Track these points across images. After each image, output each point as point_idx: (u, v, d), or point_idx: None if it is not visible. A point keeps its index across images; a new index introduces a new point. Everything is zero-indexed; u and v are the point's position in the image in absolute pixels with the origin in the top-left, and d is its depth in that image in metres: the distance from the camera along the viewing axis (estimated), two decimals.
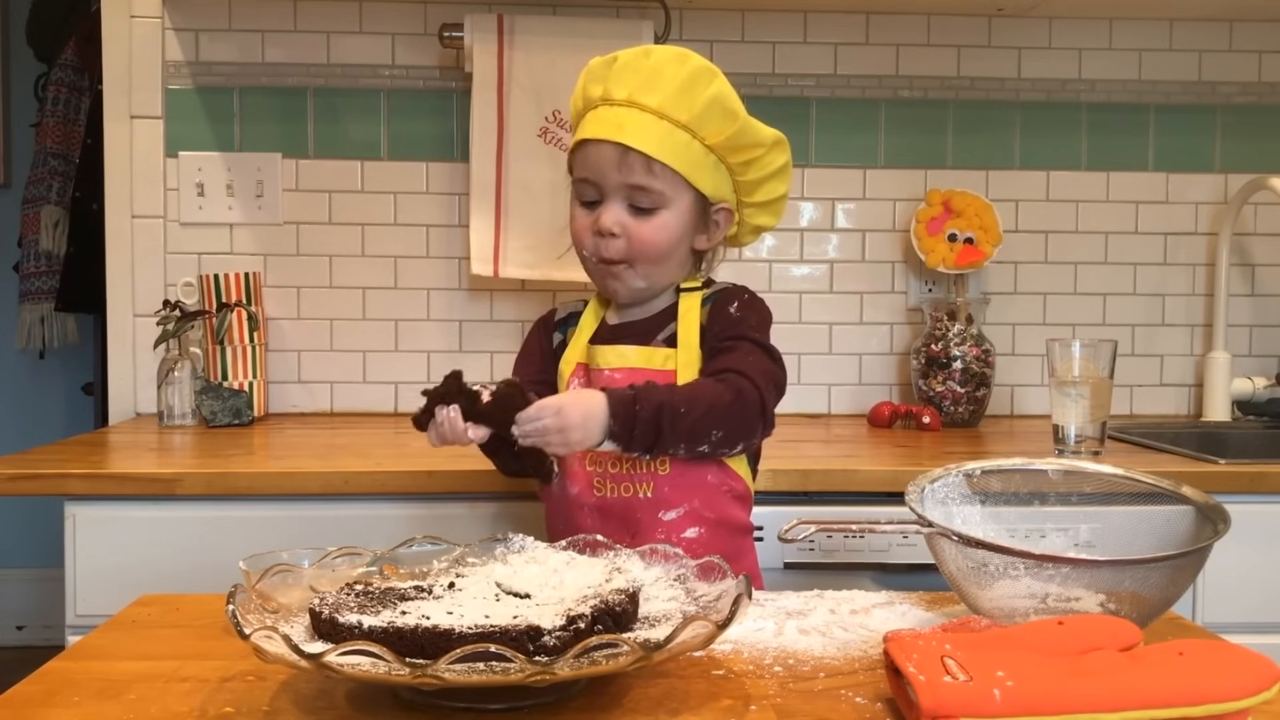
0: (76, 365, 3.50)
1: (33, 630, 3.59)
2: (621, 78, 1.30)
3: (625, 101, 1.30)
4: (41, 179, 3.11)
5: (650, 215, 1.31)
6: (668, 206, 1.32)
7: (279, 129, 2.19)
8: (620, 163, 1.29)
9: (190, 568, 1.57)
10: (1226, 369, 2.23)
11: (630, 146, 1.28)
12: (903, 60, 2.25)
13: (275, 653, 0.79)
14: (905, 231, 2.25)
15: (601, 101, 1.31)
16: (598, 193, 1.32)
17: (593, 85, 1.33)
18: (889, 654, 0.84)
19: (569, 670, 0.77)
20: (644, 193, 1.30)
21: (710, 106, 1.29)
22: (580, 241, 1.35)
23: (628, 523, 1.29)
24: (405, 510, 1.62)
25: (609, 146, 1.29)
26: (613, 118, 1.30)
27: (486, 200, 2.09)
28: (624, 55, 1.32)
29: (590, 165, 1.31)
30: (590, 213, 1.34)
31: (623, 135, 1.28)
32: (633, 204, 1.31)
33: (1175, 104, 2.29)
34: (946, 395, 2.13)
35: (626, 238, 1.31)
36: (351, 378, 2.23)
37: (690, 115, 1.29)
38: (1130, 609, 0.96)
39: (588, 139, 1.32)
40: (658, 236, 1.32)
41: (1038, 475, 1.16)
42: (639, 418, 1.20)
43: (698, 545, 1.29)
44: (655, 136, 1.29)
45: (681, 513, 1.30)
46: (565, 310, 1.47)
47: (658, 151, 1.29)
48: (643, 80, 1.29)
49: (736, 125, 1.31)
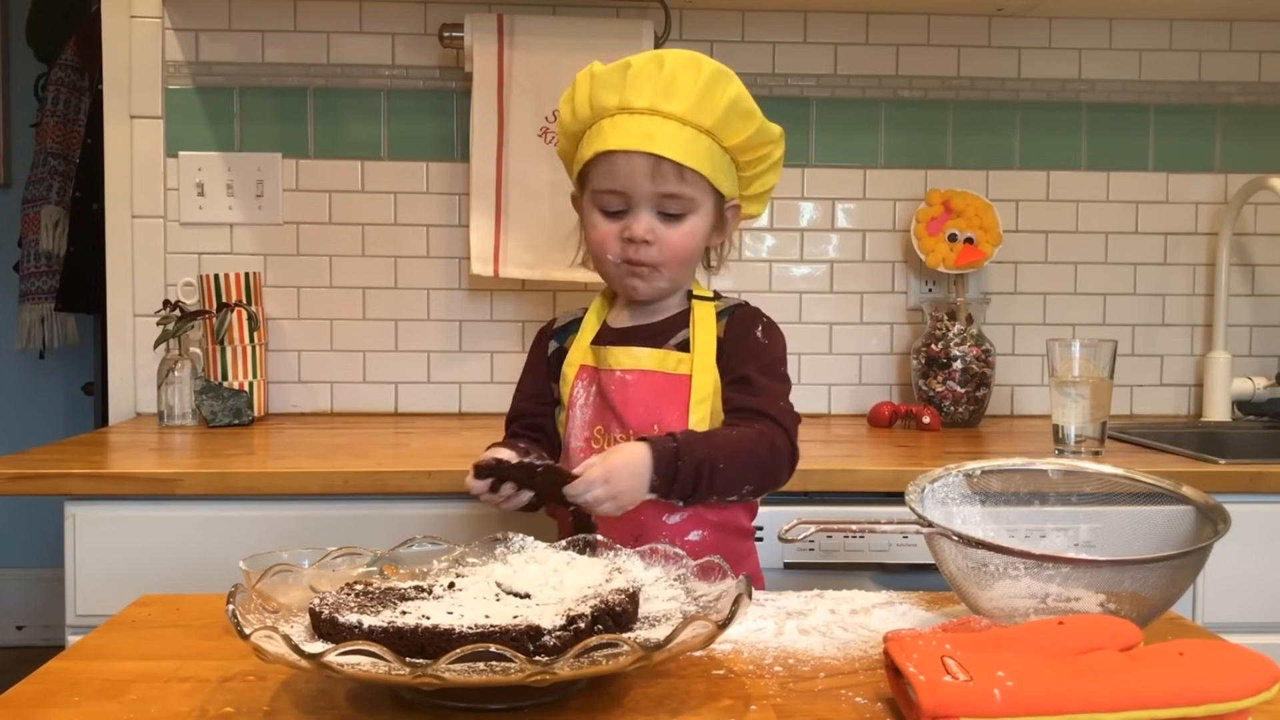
0: (76, 365, 3.50)
1: (32, 630, 3.59)
2: (639, 85, 1.29)
3: (647, 109, 1.29)
4: (41, 179, 3.11)
5: (679, 221, 1.32)
6: (695, 211, 1.33)
7: (279, 129, 2.19)
8: (653, 173, 1.29)
9: (190, 568, 1.57)
10: (1226, 369, 2.23)
11: (663, 156, 1.28)
12: (903, 60, 2.25)
13: (275, 653, 0.79)
14: (905, 231, 2.25)
15: (619, 110, 1.30)
16: (624, 202, 1.32)
17: (605, 93, 1.31)
18: (889, 654, 0.84)
19: (569, 670, 0.77)
20: (674, 200, 1.31)
21: (730, 110, 1.30)
22: (604, 249, 1.34)
23: (633, 525, 1.30)
24: (405, 510, 1.62)
25: (640, 157, 1.28)
26: (639, 127, 1.28)
27: (486, 200, 2.09)
28: (635, 62, 1.30)
29: (619, 176, 1.30)
30: (614, 221, 1.33)
31: (654, 145, 1.28)
32: (661, 211, 1.32)
33: (1175, 104, 2.29)
34: (946, 395, 2.13)
35: (658, 244, 1.32)
36: (351, 378, 2.23)
37: (712, 120, 1.30)
38: (1130, 609, 0.96)
39: (615, 150, 1.30)
40: (687, 242, 1.33)
41: (1038, 475, 1.16)
42: (680, 474, 1.21)
43: (701, 548, 1.29)
44: (683, 144, 1.29)
45: (686, 516, 1.31)
46: (565, 319, 1.46)
47: (688, 159, 1.29)
48: (662, 87, 1.29)
49: (755, 126, 1.33)
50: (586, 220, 1.36)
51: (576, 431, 1.36)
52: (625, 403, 1.33)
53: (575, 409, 1.37)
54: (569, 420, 1.37)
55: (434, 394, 2.23)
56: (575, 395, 1.37)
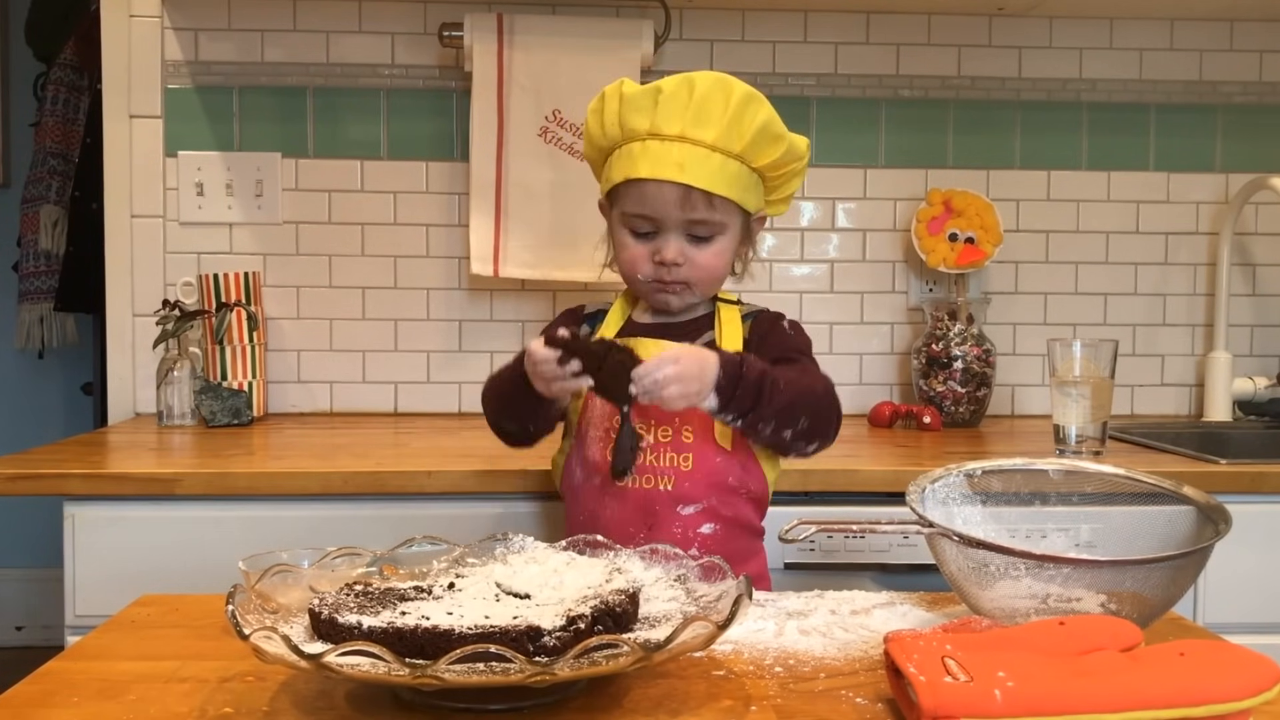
0: (76, 365, 3.50)
1: (32, 630, 3.58)
2: (669, 112, 1.30)
3: (678, 137, 1.30)
4: (41, 178, 3.11)
5: (708, 243, 1.35)
6: (724, 234, 1.35)
7: (278, 128, 2.19)
8: (683, 201, 1.31)
9: (190, 568, 1.57)
10: (1227, 369, 2.23)
11: (694, 186, 1.30)
12: (903, 60, 2.25)
13: (275, 653, 0.78)
14: (906, 231, 2.25)
15: (649, 135, 1.31)
16: (654, 226, 1.34)
17: (635, 116, 1.32)
18: (890, 654, 0.84)
19: (569, 671, 0.77)
20: (704, 225, 1.33)
21: (760, 135, 1.32)
22: (635, 269, 1.36)
23: (646, 514, 1.31)
24: (405, 510, 1.62)
25: (670, 187, 1.30)
26: (669, 155, 1.30)
27: (486, 200, 2.09)
28: (667, 86, 1.31)
29: (649, 203, 1.32)
30: (644, 243, 1.35)
31: (684, 175, 1.30)
32: (690, 234, 1.34)
33: (1176, 103, 2.28)
34: (947, 395, 2.13)
35: (688, 265, 1.34)
36: (351, 378, 2.22)
37: (742, 146, 1.32)
38: (1131, 609, 0.96)
39: (646, 178, 1.31)
40: (716, 262, 1.36)
41: (1039, 475, 1.16)
42: (744, 380, 1.23)
43: (712, 542, 1.31)
44: (713, 172, 1.30)
45: (700, 509, 1.32)
46: (593, 307, 1.48)
47: (718, 187, 1.31)
48: (693, 115, 1.30)
49: (784, 148, 1.35)
50: (616, 239, 1.39)
51: (596, 420, 1.35)
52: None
53: (595, 399, 1.36)
54: (586, 409, 1.36)
55: (434, 394, 2.23)
56: None
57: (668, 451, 1.31)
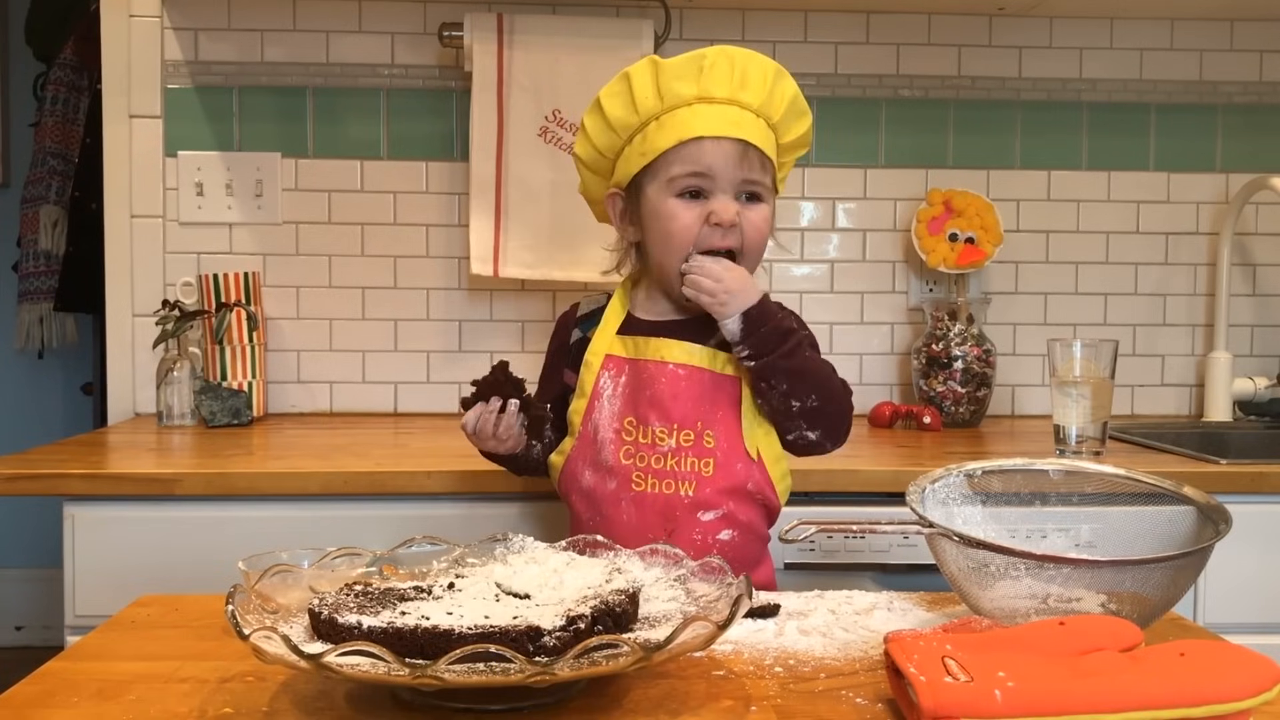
0: (75, 365, 3.50)
1: (32, 631, 3.58)
2: (715, 77, 1.31)
3: (727, 99, 1.31)
4: (40, 179, 3.10)
5: (759, 204, 1.35)
6: (767, 200, 1.36)
7: (278, 128, 2.19)
8: (742, 159, 1.31)
9: (190, 568, 1.57)
10: (1228, 369, 2.23)
11: (751, 143, 1.31)
12: (903, 60, 2.25)
13: (275, 653, 0.78)
14: (906, 231, 2.25)
15: (698, 99, 1.32)
16: (706, 185, 1.32)
17: (679, 84, 1.31)
18: (890, 654, 0.84)
19: (569, 671, 0.77)
20: (754, 186, 1.34)
21: (791, 107, 1.35)
22: (686, 235, 1.32)
23: (666, 519, 1.31)
24: (405, 510, 1.62)
25: (730, 143, 1.31)
26: (725, 115, 1.31)
27: (486, 200, 2.09)
28: (710, 54, 1.32)
29: (707, 160, 1.31)
30: (696, 205, 1.32)
31: (742, 132, 1.31)
32: (742, 194, 1.34)
33: (1176, 103, 2.28)
34: (947, 395, 2.13)
35: (741, 227, 1.33)
36: (351, 378, 2.22)
37: (778, 116, 1.34)
38: (1131, 609, 0.96)
39: (704, 136, 1.30)
40: (765, 227, 1.36)
41: (1039, 475, 1.16)
42: (775, 319, 1.29)
43: (729, 548, 1.30)
44: (762, 135, 1.33)
45: (719, 515, 1.31)
46: (588, 305, 1.45)
47: (768, 149, 1.33)
48: (738, 80, 1.32)
49: (808, 123, 1.38)
50: (664, 212, 1.33)
51: (605, 422, 1.34)
52: (675, 396, 1.32)
53: (602, 399, 1.35)
54: (592, 410, 1.35)
55: (434, 394, 2.23)
56: (602, 385, 1.36)
57: (689, 456, 1.31)
